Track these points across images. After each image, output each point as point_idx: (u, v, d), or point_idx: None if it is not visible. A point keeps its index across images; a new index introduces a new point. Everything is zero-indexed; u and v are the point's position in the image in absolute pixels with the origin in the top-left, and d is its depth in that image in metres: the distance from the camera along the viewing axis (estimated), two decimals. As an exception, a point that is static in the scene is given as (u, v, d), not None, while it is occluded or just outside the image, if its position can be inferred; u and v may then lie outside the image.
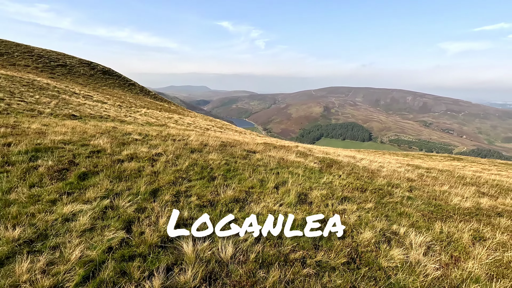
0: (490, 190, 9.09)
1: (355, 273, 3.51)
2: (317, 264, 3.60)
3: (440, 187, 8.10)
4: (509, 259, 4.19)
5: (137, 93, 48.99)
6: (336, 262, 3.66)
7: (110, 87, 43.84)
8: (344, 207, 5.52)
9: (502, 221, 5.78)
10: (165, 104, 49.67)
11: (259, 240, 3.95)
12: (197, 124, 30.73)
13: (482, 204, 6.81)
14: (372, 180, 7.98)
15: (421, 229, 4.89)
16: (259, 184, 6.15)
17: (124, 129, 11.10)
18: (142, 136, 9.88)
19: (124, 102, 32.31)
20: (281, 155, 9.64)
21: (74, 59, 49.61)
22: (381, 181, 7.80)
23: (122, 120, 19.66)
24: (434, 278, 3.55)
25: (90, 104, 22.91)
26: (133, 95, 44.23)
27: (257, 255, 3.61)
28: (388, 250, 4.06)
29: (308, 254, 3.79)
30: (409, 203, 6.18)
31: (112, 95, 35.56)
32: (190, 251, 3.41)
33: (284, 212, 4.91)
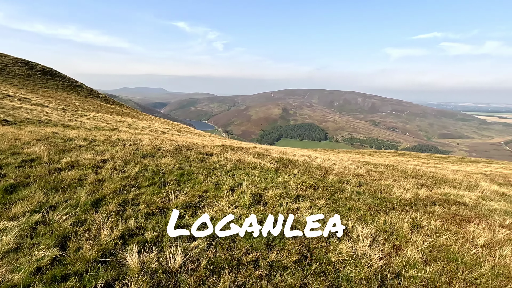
0: (427, 181, 10.06)
1: (306, 270, 3.58)
2: (269, 265, 3.61)
3: (385, 181, 8.74)
4: (441, 243, 4.63)
5: (85, 96, 45.27)
6: (288, 260, 3.70)
7: (53, 89, 39.88)
8: (298, 206, 5.65)
9: (436, 209, 6.41)
10: (117, 107, 46.65)
11: (211, 245, 3.84)
12: (152, 127, 29.38)
13: (420, 195, 7.49)
14: (325, 177, 8.32)
15: (367, 222, 5.20)
16: (214, 187, 6.02)
17: (67, 135, 10.12)
18: (87, 142, 9.11)
19: (69, 105, 29.63)
20: (238, 157, 9.61)
21: (7, 58, 44.20)
22: (333, 178, 8.17)
23: (66, 125, 17.97)
24: (378, 267, 3.78)
25: (28, 107, 20.57)
26: (80, 98, 40.77)
27: (209, 261, 3.49)
28: (337, 244, 4.23)
29: (261, 255, 3.78)
30: (357, 198, 6.55)
31: (54, 98, 32.38)
32: (134, 264, 3.18)
33: (239, 214, 4.86)
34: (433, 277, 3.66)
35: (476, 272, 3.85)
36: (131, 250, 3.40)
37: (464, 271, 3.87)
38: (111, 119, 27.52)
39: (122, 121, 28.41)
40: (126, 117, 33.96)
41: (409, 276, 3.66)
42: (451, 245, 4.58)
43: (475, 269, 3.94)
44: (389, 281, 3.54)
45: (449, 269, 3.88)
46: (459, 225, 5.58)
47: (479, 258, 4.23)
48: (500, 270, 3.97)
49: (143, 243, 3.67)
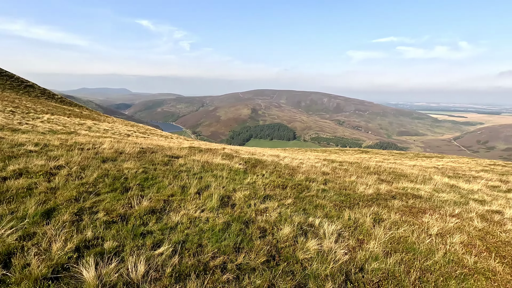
0: (388, 177, 10.67)
1: (274, 270, 3.58)
2: (237, 268, 3.55)
3: (349, 178, 9.10)
4: (400, 235, 4.92)
5: (38, 97, 41.70)
6: (256, 262, 3.68)
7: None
8: (266, 206, 5.67)
9: (396, 203, 6.80)
10: (75, 108, 43.61)
11: (176, 252, 3.69)
12: (115, 130, 27.88)
13: (381, 190, 7.91)
14: (292, 176, 8.45)
15: (333, 218, 5.36)
16: (180, 191, 5.83)
17: (15, 140, 9.20)
18: (39, 147, 8.36)
19: (18, 107, 27.09)
20: (206, 159, 9.43)
21: None
22: (300, 177, 8.33)
23: (15, 129, 16.37)
24: (343, 262, 3.90)
25: (-33, 110, 18.45)
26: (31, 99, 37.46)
27: (174, 268, 3.36)
28: (304, 242, 4.30)
29: (229, 258, 3.72)
30: (323, 195, 6.74)
31: (1, 99, 29.42)
32: (91, 277, 2.95)
33: (206, 218, 4.75)
34: (393, 268, 3.85)
35: (431, 260, 4.14)
36: (88, 262, 3.15)
37: (420, 260, 4.14)
38: (69, 121, 25.65)
39: (81, 123, 26.62)
40: (85, 119, 31.88)
41: (371, 268, 3.82)
42: (408, 236, 4.88)
43: (429, 257, 4.23)
44: (353, 275, 3.67)
45: (407, 259, 4.12)
46: (415, 217, 5.97)
47: (433, 247, 4.56)
48: (451, 257, 4.30)
49: (102, 254, 3.43)
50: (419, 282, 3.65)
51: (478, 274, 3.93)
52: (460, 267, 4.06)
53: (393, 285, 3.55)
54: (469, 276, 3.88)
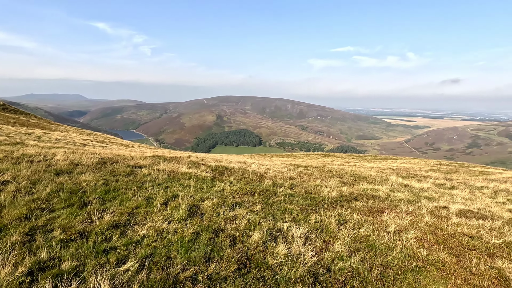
0: (349, 179, 11.27)
1: (245, 277, 3.60)
2: (208, 278, 3.51)
3: (314, 182, 9.46)
4: (362, 234, 5.23)
5: (-26, 104, 37.25)
6: (228, 271, 3.67)
7: None
8: (235, 213, 5.67)
9: (357, 204, 7.21)
10: (21, 116, 39.69)
11: (143, 266, 3.54)
12: (69, 139, 25.90)
13: (343, 192, 8.34)
14: (260, 182, 8.56)
15: (300, 222, 5.53)
16: (145, 202, 5.61)
17: None
18: (-21, 161, 7.49)
19: (-50, 115, 23.97)
20: (172, 168, 9.17)
21: None
22: (268, 183, 8.47)
23: None
24: (311, 264, 4.04)
25: None
26: (-33, 106, 33.35)
27: (141, 285, 3.22)
28: (274, 247, 4.38)
29: (199, 269, 3.65)
30: (290, 200, 6.93)
31: None
32: (48, 302, 2.71)
33: (174, 229, 4.62)
34: (357, 266, 4.09)
35: (390, 256, 4.46)
36: (44, 286, 2.89)
37: (381, 256, 4.44)
38: (13, 131, 23.27)
39: (28, 133, 24.31)
40: (34, 128, 29.18)
41: (338, 268, 4.01)
42: (370, 235, 5.21)
43: (389, 253, 4.56)
44: (321, 276, 3.82)
45: (369, 257, 4.39)
46: (375, 216, 6.38)
47: (391, 243, 4.92)
48: (407, 252, 4.68)
49: (60, 275, 3.17)
50: (380, 277, 3.91)
51: (430, 266, 4.32)
52: (415, 260, 4.43)
53: (358, 282, 3.76)
54: (423, 268, 4.25)
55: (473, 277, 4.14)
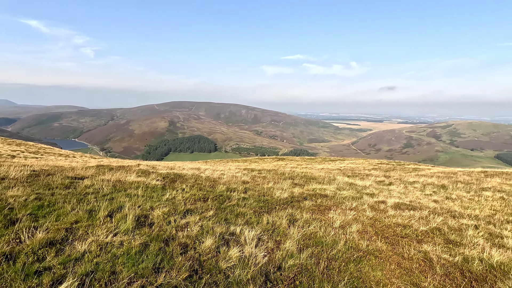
0: (300, 180, 11.79)
1: (197, 284, 3.55)
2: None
3: (267, 185, 9.70)
4: (311, 232, 5.52)
5: None
6: (178, 279, 3.58)
7: None
8: (187, 220, 5.55)
9: (307, 203, 7.59)
10: None
11: (84, 284, 3.28)
12: (-7, 151, 22.67)
13: (294, 193, 8.70)
14: (214, 188, 8.50)
15: (253, 224, 5.64)
16: (87, 216, 5.18)
17: None
18: None
19: None
20: (119, 177, 8.62)
21: None
22: (221, 188, 8.45)
23: None
24: (263, 264, 4.15)
25: None
26: None
27: (81, 304, 2.97)
28: (227, 251, 4.40)
29: (148, 281, 3.50)
30: (244, 204, 7.01)
31: None
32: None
33: (120, 242, 4.35)
34: (306, 262, 4.31)
35: (335, 250, 4.79)
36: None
37: (327, 251, 4.75)
38: None
39: None
40: None
41: (288, 266, 4.19)
42: (317, 231, 5.53)
43: (334, 247, 4.89)
44: (272, 274, 3.95)
45: (317, 252, 4.67)
46: (323, 214, 6.79)
47: (337, 238, 5.28)
48: (350, 244, 5.08)
49: (-21, 305, 2.78)
50: (326, 270, 4.18)
51: (369, 255, 4.74)
52: (356, 251, 4.83)
53: (306, 277, 3.96)
54: (363, 258, 4.65)
55: (405, 261, 4.66)
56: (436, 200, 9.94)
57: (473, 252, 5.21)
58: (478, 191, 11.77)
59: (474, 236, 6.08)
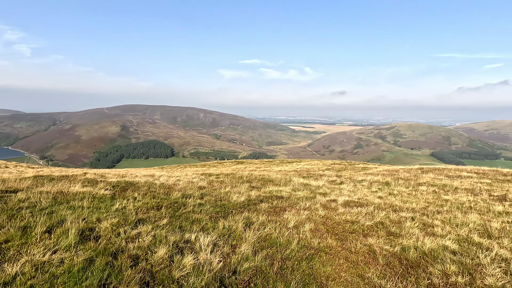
0: (258, 183, 11.96)
1: (148, 297, 3.41)
2: (103, 307, 3.17)
3: (224, 189, 9.66)
4: (266, 234, 5.64)
5: None
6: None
7: None
8: (139, 231, 5.29)
9: (263, 206, 7.74)
10: None
11: (15, 311, 2.94)
12: None
13: (251, 196, 8.81)
14: (168, 195, 8.22)
15: (209, 230, 5.58)
16: (20, 233, 4.65)
17: None
18: None
19: None
20: (60, 188, 7.88)
21: None
22: (176, 195, 8.21)
23: None
24: (218, 270, 4.13)
25: None
26: None
27: (11, 333, 2.66)
28: (181, 260, 4.29)
29: (92, 299, 3.26)
30: (200, 210, 6.90)
31: None
32: None
33: (60, 260, 3.98)
34: (260, 264, 4.39)
35: (289, 250, 4.96)
36: None
37: (281, 251, 4.90)
38: None
39: None
40: None
41: (243, 269, 4.22)
42: (273, 233, 5.67)
43: (288, 247, 5.07)
44: (227, 279, 3.95)
45: (271, 253, 4.79)
46: (278, 215, 6.98)
47: (291, 238, 5.48)
48: (303, 243, 5.30)
49: None
50: (280, 270, 4.31)
51: (321, 252, 5.01)
52: (309, 249, 5.06)
53: (261, 278, 4.04)
54: (315, 255, 4.89)
55: (352, 255, 5.01)
56: (381, 196, 10.84)
57: (410, 241, 5.79)
58: (415, 186, 13.11)
59: (411, 227, 6.76)
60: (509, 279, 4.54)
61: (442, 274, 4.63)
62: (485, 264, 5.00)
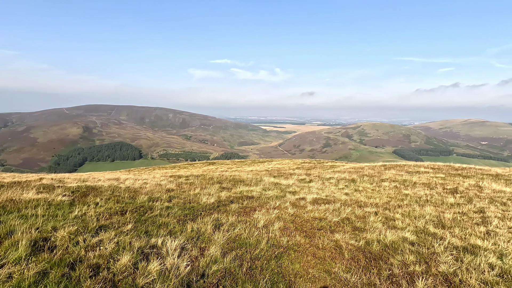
0: (228, 184, 11.88)
1: (109, 308, 3.22)
2: (58, 322, 2.94)
3: (194, 191, 9.46)
4: (236, 234, 5.60)
5: None
6: (86, 306, 3.18)
7: None
8: (101, 238, 4.99)
9: (233, 206, 7.69)
10: None
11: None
12: None
13: (221, 197, 8.72)
14: (134, 199, 7.87)
15: (177, 234, 5.41)
16: (-40, 247, 4.16)
17: None
18: None
19: None
20: (10, 196, 7.21)
21: None
22: (143, 198, 7.88)
23: None
24: (185, 274, 4.02)
25: None
26: None
27: None
28: (145, 266, 4.11)
29: (45, 315, 3.01)
30: (167, 213, 6.68)
31: None
32: None
33: (8, 275, 3.63)
34: (229, 265, 4.35)
35: (258, 249, 4.97)
36: None
37: (251, 251, 4.89)
38: None
39: None
40: None
41: (212, 272, 4.15)
42: (242, 233, 5.65)
43: (257, 247, 5.08)
44: (195, 283, 3.86)
45: (241, 254, 4.76)
46: (248, 215, 6.98)
47: (260, 237, 5.50)
48: (272, 242, 5.34)
49: None
50: (249, 270, 4.30)
51: (289, 250, 5.08)
52: (278, 248, 5.11)
53: (230, 280, 4.00)
54: (284, 253, 4.95)
55: (319, 251, 5.14)
56: (347, 193, 11.29)
57: (373, 235, 6.09)
58: (379, 182, 13.83)
59: (374, 222, 7.10)
60: (459, 265, 4.93)
61: (401, 264, 4.92)
62: (439, 252, 5.39)
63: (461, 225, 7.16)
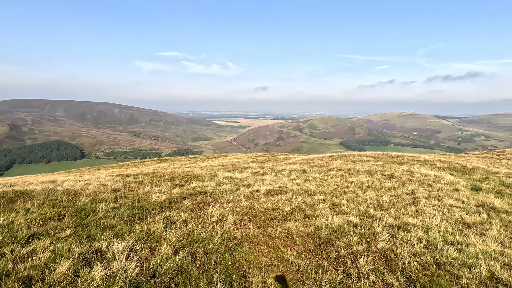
0: (181, 180, 11.52)
1: (44, 322, 2.90)
2: None
3: (143, 190, 8.98)
4: (189, 231, 5.48)
5: None
6: (15, 324, 2.82)
7: None
8: (33, 247, 4.46)
9: (186, 203, 7.49)
10: None
11: None
12: None
13: (173, 194, 8.43)
14: (74, 202, 7.17)
15: (124, 235, 5.09)
16: None
17: None
18: None
19: None
20: None
21: None
22: (84, 200, 7.23)
23: None
24: (134, 276, 3.81)
25: None
26: None
27: None
28: (88, 273, 3.79)
29: None
30: (113, 214, 6.23)
31: None
32: None
33: None
34: (182, 262, 4.24)
35: (212, 244, 4.94)
36: None
37: (204, 246, 4.84)
38: None
39: None
40: None
41: (163, 271, 4.01)
42: (195, 229, 5.55)
43: (211, 241, 5.04)
44: (145, 284, 3.68)
45: (194, 250, 4.68)
46: (202, 211, 6.87)
47: (214, 232, 5.46)
48: (226, 235, 5.35)
49: None
50: (203, 265, 4.25)
51: (243, 241, 5.14)
52: (232, 240, 5.14)
53: (183, 277, 3.91)
54: (238, 245, 5.00)
55: (272, 240, 5.30)
56: (299, 183, 11.81)
57: (322, 221, 6.48)
58: (327, 171, 14.73)
59: (323, 208, 7.56)
60: (394, 241, 5.52)
61: (346, 245, 5.33)
62: (378, 232, 5.96)
63: (396, 206, 8.00)
